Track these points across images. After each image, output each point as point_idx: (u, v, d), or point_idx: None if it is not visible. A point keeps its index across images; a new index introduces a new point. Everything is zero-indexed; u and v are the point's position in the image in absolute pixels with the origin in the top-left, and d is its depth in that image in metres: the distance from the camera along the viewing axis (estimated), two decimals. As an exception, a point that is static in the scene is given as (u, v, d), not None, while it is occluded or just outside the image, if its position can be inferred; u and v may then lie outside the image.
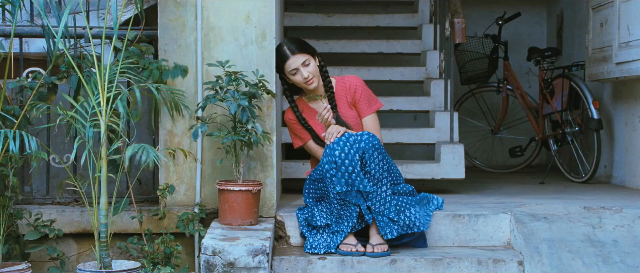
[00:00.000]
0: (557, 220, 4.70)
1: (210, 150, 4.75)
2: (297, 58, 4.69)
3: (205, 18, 4.72)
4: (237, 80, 4.56)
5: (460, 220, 4.74)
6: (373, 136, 4.53)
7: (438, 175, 5.82)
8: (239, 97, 4.45)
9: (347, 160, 4.42)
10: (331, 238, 4.51)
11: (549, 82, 6.93)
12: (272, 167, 4.76)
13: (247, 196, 4.50)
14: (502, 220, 4.74)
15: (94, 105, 4.09)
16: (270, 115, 4.76)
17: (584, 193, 5.85)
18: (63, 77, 4.56)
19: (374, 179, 4.49)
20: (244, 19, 4.73)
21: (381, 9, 7.85)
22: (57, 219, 4.69)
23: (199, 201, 4.75)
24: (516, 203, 5.12)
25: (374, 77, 6.69)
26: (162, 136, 4.77)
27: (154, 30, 4.81)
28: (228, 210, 4.52)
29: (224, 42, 4.72)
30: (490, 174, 7.56)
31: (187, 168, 4.77)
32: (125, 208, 4.58)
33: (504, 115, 7.66)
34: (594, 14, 6.41)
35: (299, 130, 4.86)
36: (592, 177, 6.54)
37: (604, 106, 6.81)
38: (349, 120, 4.79)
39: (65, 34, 4.19)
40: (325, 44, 7.03)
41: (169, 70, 4.59)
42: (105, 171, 4.05)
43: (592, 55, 6.46)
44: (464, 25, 5.82)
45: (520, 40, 8.44)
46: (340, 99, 4.82)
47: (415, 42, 7.12)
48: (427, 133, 6.14)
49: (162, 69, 4.57)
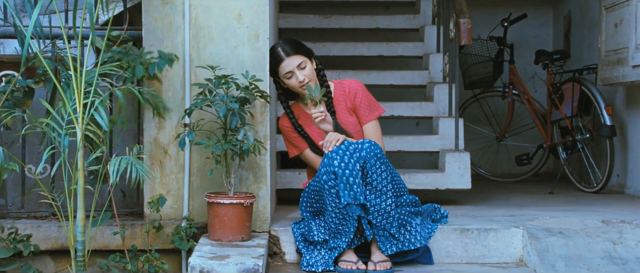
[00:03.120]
0: (574, 235, 4.46)
1: (199, 160, 4.50)
2: (292, 60, 4.44)
3: (194, 17, 4.48)
4: (228, 83, 4.31)
5: (469, 235, 4.50)
6: (375, 144, 4.28)
7: (443, 186, 5.62)
8: (229, 100, 4.20)
9: (347, 171, 4.17)
10: (329, 255, 4.28)
11: (558, 87, 6.76)
12: (265, 177, 4.52)
13: (239, 210, 4.25)
14: (513, 234, 4.50)
15: (70, 112, 3.77)
16: (263, 122, 4.52)
17: (599, 204, 5.63)
18: (40, 81, 4.26)
19: (375, 191, 4.23)
20: (235, 19, 4.49)
21: (381, 10, 7.74)
22: (33, 234, 4.41)
23: (187, 214, 4.50)
24: (528, 216, 4.89)
25: (373, 81, 6.54)
26: (147, 144, 4.50)
27: (138, 31, 4.56)
28: (218, 224, 4.26)
29: (214, 43, 4.48)
30: (496, 183, 7.41)
31: (173, 179, 4.51)
32: (107, 223, 4.28)
33: (509, 121, 7.53)
34: (608, 14, 6.17)
35: (294, 138, 4.60)
36: (604, 187, 6.35)
37: (616, 112, 6.63)
38: (348, 127, 4.54)
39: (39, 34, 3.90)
40: (323, 46, 6.87)
41: (154, 63, 4.31)
42: (82, 183, 3.73)
43: (605, 57, 6.23)
44: (470, 26, 5.62)
45: (525, 42, 8.31)
46: (339, 104, 4.58)
47: (417, 45, 6.97)
48: (431, 140, 5.94)
49: (147, 63, 4.28)
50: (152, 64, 4.30)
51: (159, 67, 4.30)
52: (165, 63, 4.31)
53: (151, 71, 4.29)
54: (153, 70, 4.29)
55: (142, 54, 4.30)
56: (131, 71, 4.23)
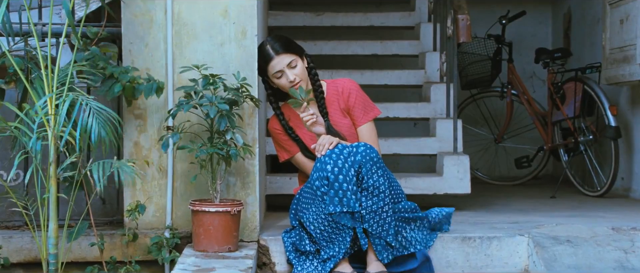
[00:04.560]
0: (583, 243, 4.26)
1: (183, 165, 4.28)
2: (282, 59, 4.23)
3: (177, 13, 4.26)
4: (216, 83, 4.09)
5: (471, 244, 4.29)
6: (371, 148, 4.10)
7: (441, 190, 5.42)
8: (219, 102, 3.99)
9: (340, 176, 3.98)
10: (322, 267, 4.07)
11: (560, 86, 6.61)
12: (254, 183, 4.30)
13: (225, 218, 4.03)
14: (518, 243, 4.29)
15: (40, 113, 3.50)
16: (252, 125, 4.31)
17: (605, 209, 5.42)
18: (11, 81, 4.00)
19: (372, 197, 4.05)
20: (221, 14, 4.27)
21: (374, 7, 7.54)
22: (4, 246, 4.17)
23: (171, 223, 4.27)
24: (533, 223, 4.68)
25: (367, 81, 6.35)
26: (127, 148, 4.27)
27: (117, 27, 4.33)
28: (203, 234, 4.04)
29: (198, 40, 4.27)
30: (494, 187, 7.24)
31: (156, 186, 4.29)
32: (84, 233, 4.03)
33: (508, 122, 7.39)
34: (612, 10, 6.02)
35: (285, 141, 4.39)
36: (608, 191, 6.18)
37: (621, 112, 6.46)
38: (342, 129, 4.34)
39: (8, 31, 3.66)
40: (314, 45, 6.68)
41: (142, 84, 4.06)
42: (54, 192, 3.49)
43: (610, 55, 6.07)
44: (469, 23, 5.48)
45: (523, 41, 8.17)
46: (332, 105, 4.39)
47: (413, 43, 6.80)
48: (428, 143, 5.76)
49: (134, 82, 4.03)
50: (139, 85, 4.04)
51: (146, 92, 4.04)
52: (153, 92, 4.05)
53: (136, 95, 4.05)
54: (139, 95, 4.05)
55: (128, 70, 4.04)
56: (119, 88, 3.99)
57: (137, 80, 4.04)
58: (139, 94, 4.04)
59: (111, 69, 4.01)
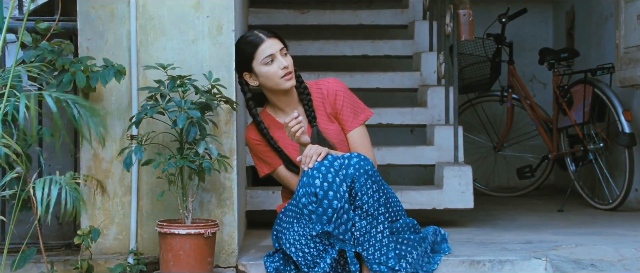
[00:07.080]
0: (609, 268, 3.81)
1: (150, 179, 3.80)
2: (274, 42, 3.82)
3: (141, 5, 3.80)
4: (184, 85, 3.63)
5: (480, 268, 3.84)
6: (365, 159, 3.64)
7: (440, 205, 4.97)
8: (189, 107, 3.53)
9: (330, 192, 3.53)
10: None
11: (567, 90, 6.20)
12: (232, 200, 3.85)
13: (198, 242, 3.58)
14: (534, 267, 3.84)
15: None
16: (229, 133, 3.84)
17: (624, 226, 4.95)
18: (-54, 83, 3.48)
19: (366, 216, 3.61)
20: (193, 7, 3.82)
21: (364, 4, 7.22)
22: None
23: (135, 247, 3.79)
24: (548, 242, 4.21)
25: (357, 85, 5.96)
26: (84, 161, 3.78)
27: (72, 22, 3.85)
28: (172, 260, 3.58)
29: (167, 36, 3.81)
30: (494, 199, 6.83)
31: (118, 204, 3.81)
32: (33, 260, 3.53)
33: (508, 128, 7.00)
34: (627, 5, 5.60)
35: (265, 152, 3.91)
36: (622, 203, 5.74)
37: (635, 117, 6.04)
38: (330, 136, 3.89)
39: None
40: (299, 45, 6.31)
41: (98, 71, 3.59)
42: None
43: (625, 55, 5.64)
44: (472, 18, 5.02)
45: (523, 41, 7.81)
46: (317, 110, 3.94)
47: (406, 43, 6.43)
48: (425, 152, 5.33)
49: (88, 70, 3.55)
50: (94, 73, 3.58)
51: (103, 78, 3.57)
52: (112, 75, 3.58)
53: (92, 83, 3.58)
54: (95, 83, 3.59)
55: (83, 60, 3.57)
56: (69, 77, 3.49)
57: (91, 68, 3.57)
58: (95, 82, 3.55)
59: (62, 60, 3.53)
